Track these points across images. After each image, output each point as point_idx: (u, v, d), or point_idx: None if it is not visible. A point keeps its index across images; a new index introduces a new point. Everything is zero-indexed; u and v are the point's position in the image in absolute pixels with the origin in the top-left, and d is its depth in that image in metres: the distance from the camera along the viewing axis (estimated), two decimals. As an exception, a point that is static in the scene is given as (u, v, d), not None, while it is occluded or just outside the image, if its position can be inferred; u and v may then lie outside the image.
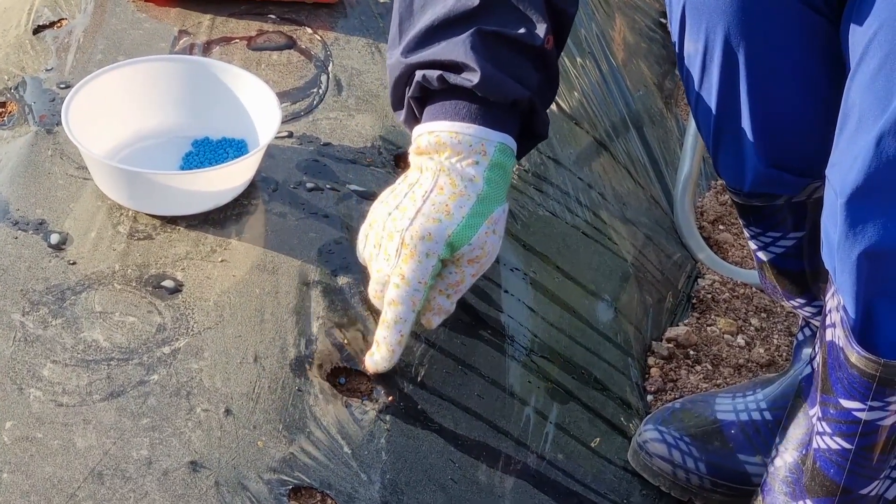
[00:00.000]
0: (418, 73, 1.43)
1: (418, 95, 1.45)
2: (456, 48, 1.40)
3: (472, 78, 1.39)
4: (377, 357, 1.43)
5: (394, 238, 1.39)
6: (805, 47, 1.41)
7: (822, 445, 1.44)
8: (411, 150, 1.45)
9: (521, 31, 1.41)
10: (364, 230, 1.45)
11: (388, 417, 1.41)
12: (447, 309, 1.46)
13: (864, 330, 1.34)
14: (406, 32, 1.44)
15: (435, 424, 1.45)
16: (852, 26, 1.30)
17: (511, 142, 1.43)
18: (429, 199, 1.40)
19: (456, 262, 1.42)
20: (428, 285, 1.41)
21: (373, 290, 1.44)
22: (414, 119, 1.48)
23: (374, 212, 1.44)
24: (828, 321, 1.40)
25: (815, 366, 1.45)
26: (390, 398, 1.43)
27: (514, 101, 1.41)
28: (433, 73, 1.41)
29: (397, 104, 1.49)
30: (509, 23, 1.41)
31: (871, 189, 1.25)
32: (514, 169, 1.53)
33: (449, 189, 1.40)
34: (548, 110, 1.48)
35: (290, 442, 1.34)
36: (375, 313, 1.48)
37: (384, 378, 1.45)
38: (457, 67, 1.40)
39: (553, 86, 1.47)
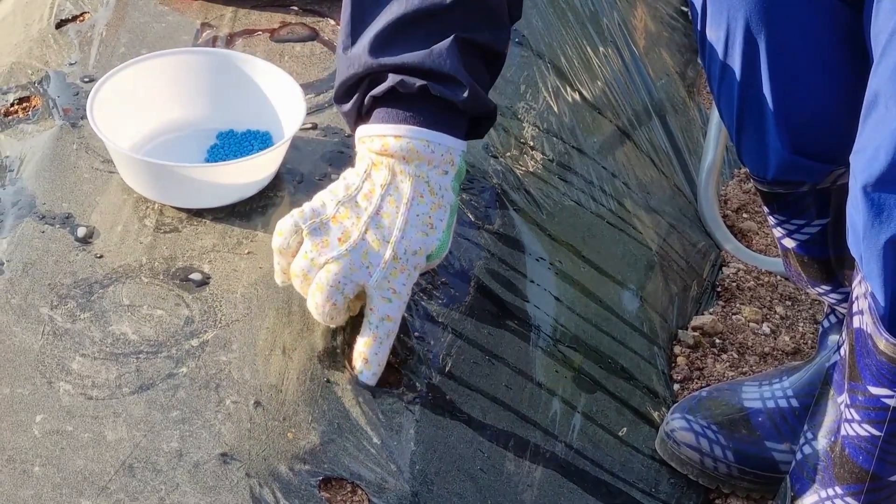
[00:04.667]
0: (393, 77, 1.37)
1: (380, 95, 1.39)
2: (441, 59, 1.36)
3: (459, 93, 1.37)
4: (367, 374, 1.39)
5: (381, 247, 1.36)
6: (826, 34, 1.40)
7: (851, 433, 1.44)
8: (372, 148, 1.39)
9: (489, 36, 1.40)
10: (307, 213, 1.38)
11: (416, 408, 1.42)
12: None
13: (892, 316, 1.34)
14: (364, 23, 1.40)
15: (463, 415, 1.46)
16: (874, 16, 1.30)
17: (465, 148, 1.43)
18: (412, 208, 1.38)
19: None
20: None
21: (300, 267, 1.38)
22: (359, 115, 1.42)
23: (328, 201, 1.39)
24: (855, 308, 1.40)
25: (843, 353, 1.45)
26: (418, 389, 1.44)
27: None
28: (414, 81, 1.36)
29: (345, 97, 1.43)
30: (478, 25, 1.38)
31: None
32: None
33: (429, 199, 1.39)
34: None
35: (319, 433, 1.34)
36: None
37: (412, 369, 1.45)
38: (439, 76, 1.37)
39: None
